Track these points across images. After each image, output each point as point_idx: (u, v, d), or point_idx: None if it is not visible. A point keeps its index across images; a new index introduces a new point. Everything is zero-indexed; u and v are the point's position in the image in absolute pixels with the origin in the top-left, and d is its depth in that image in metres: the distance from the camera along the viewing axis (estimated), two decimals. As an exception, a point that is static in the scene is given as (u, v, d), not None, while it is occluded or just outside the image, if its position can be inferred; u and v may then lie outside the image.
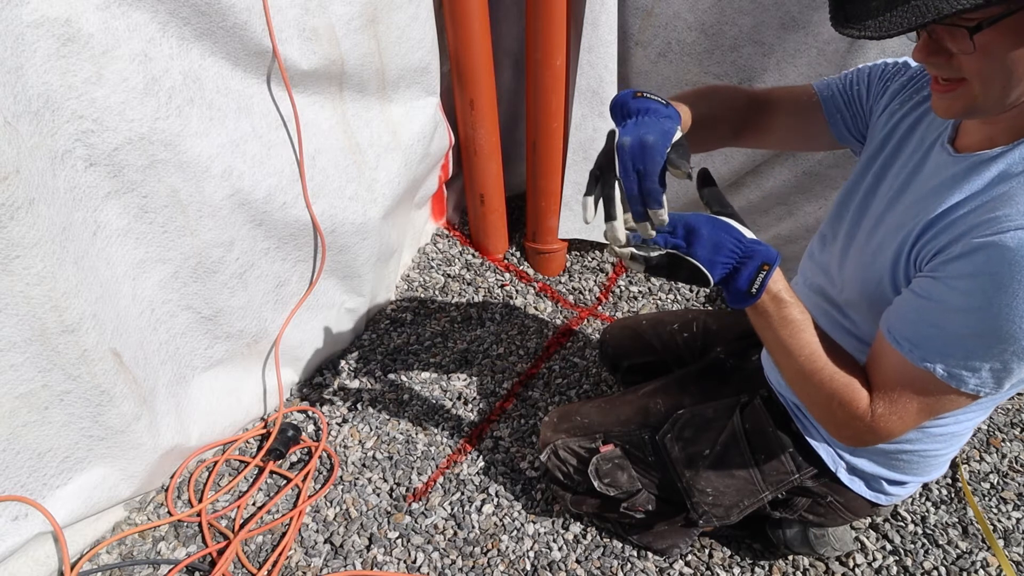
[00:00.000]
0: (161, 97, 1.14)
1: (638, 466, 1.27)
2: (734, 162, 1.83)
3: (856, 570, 1.39)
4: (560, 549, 1.43)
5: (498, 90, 1.87)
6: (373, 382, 1.81)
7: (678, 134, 0.80)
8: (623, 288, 2.12)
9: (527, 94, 1.83)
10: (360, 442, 1.65)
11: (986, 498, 1.54)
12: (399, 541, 1.45)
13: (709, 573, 1.39)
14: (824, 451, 1.11)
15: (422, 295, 2.08)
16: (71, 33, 0.99)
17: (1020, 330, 0.71)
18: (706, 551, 1.43)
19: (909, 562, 1.40)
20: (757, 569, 1.39)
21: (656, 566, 1.40)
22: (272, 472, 1.56)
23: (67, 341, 1.08)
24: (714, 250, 0.82)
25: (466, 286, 2.11)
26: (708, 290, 2.10)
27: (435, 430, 1.68)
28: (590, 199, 0.83)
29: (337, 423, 1.70)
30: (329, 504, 1.52)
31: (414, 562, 1.42)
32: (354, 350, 1.89)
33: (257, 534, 1.45)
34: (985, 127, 0.80)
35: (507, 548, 1.44)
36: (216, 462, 1.57)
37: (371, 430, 1.68)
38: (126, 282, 1.24)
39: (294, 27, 1.30)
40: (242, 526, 1.45)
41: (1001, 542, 1.45)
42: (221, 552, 1.40)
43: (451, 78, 1.83)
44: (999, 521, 1.49)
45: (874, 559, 1.41)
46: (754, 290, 0.83)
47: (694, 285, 0.86)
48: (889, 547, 1.43)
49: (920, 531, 1.46)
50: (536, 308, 2.05)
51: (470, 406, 1.75)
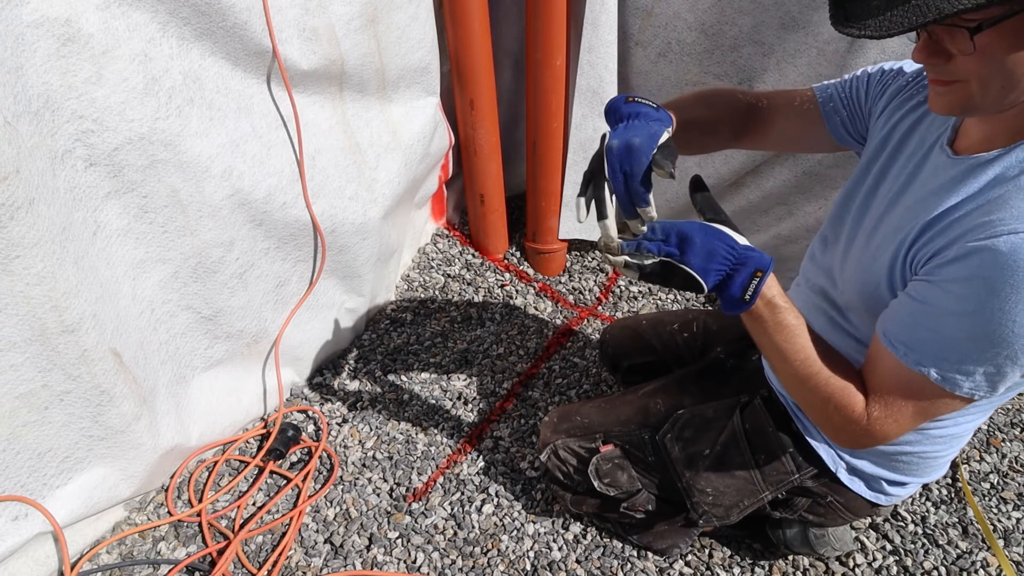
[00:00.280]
0: (161, 97, 1.14)
1: (638, 466, 1.27)
2: (734, 162, 1.82)
3: (856, 570, 1.39)
4: (560, 549, 1.43)
5: (498, 90, 1.87)
6: (373, 382, 1.81)
7: (665, 136, 0.83)
8: (623, 288, 2.12)
9: (527, 94, 1.83)
10: (360, 442, 1.65)
11: (986, 498, 1.54)
12: (399, 541, 1.45)
13: (709, 573, 1.39)
14: (824, 451, 1.11)
15: (422, 295, 2.08)
16: (71, 33, 0.99)
17: (1013, 334, 0.71)
18: (706, 551, 1.43)
19: (909, 562, 1.40)
20: (757, 569, 1.39)
21: (656, 566, 1.40)
22: (272, 472, 1.57)
23: (67, 341, 1.08)
24: (707, 258, 0.83)
25: (466, 286, 2.11)
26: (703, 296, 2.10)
27: (435, 430, 1.68)
28: (582, 200, 0.88)
29: (337, 423, 1.70)
30: (329, 504, 1.52)
31: (414, 562, 1.42)
32: (354, 350, 1.89)
33: (257, 534, 1.45)
34: (984, 128, 0.80)
35: (507, 548, 1.44)
36: (216, 462, 1.57)
37: (371, 430, 1.68)
38: (126, 282, 1.24)
39: (294, 27, 1.30)
40: (242, 526, 1.45)
41: (1001, 542, 1.45)
42: (221, 552, 1.41)
43: (451, 78, 1.83)
44: (999, 521, 1.49)
45: (874, 559, 1.41)
46: (747, 296, 0.84)
47: (689, 292, 0.87)
48: (889, 547, 1.43)
49: (920, 531, 1.46)
50: (536, 308, 2.05)
51: (470, 406, 1.75)
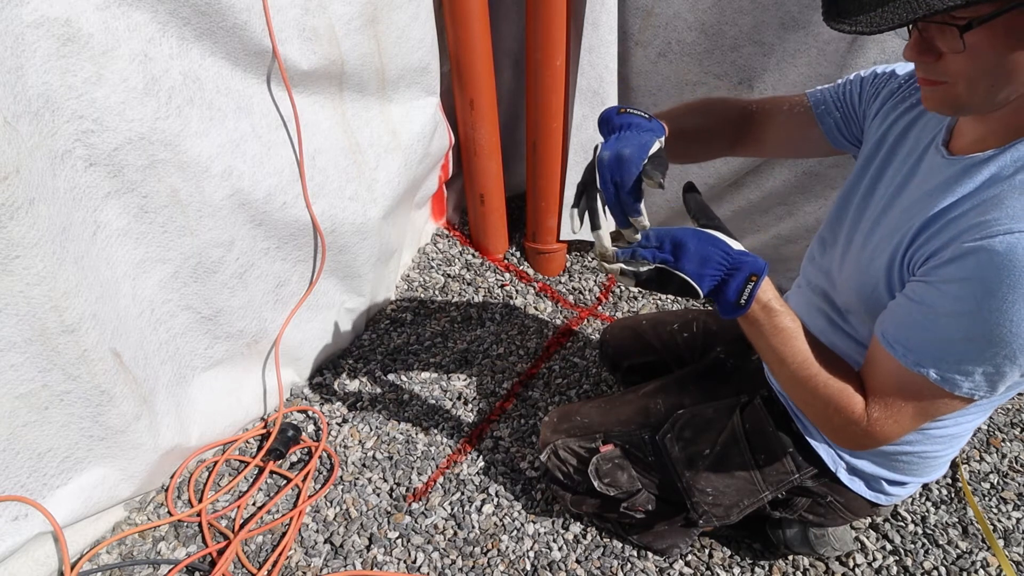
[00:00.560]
0: (161, 97, 1.14)
1: (638, 466, 1.27)
2: (734, 162, 1.82)
3: (856, 570, 1.39)
4: (560, 549, 1.43)
5: (498, 90, 1.87)
6: (373, 382, 1.81)
7: (656, 146, 0.84)
8: (623, 288, 2.12)
9: (527, 94, 1.82)
10: (360, 442, 1.65)
11: (986, 498, 1.54)
12: (399, 541, 1.45)
13: (709, 573, 1.39)
14: (824, 451, 1.11)
15: (422, 295, 2.08)
16: (71, 33, 0.99)
17: (1011, 334, 0.71)
18: (706, 551, 1.43)
19: (909, 562, 1.40)
20: (757, 569, 1.39)
21: (656, 566, 1.40)
22: (272, 472, 1.57)
23: (67, 341, 1.08)
24: (702, 263, 0.83)
25: (466, 286, 2.11)
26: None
27: (435, 430, 1.68)
28: (575, 211, 0.90)
29: (337, 423, 1.70)
30: (329, 504, 1.52)
31: (414, 562, 1.42)
32: (354, 350, 1.89)
33: (257, 534, 1.45)
34: (978, 128, 0.80)
35: (507, 548, 1.44)
36: (216, 462, 1.57)
37: (371, 430, 1.68)
38: (126, 282, 1.24)
39: (294, 27, 1.30)
40: (242, 526, 1.45)
41: (1001, 542, 1.45)
42: (221, 552, 1.40)
43: (451, 78, 1.83)
44: (999, 521, 1.49)
45: (874, 559, 1.41)
46: (743, 301, 0.84)
47: (684, 298, 0.87)
48: (889, 547, 1.43)
49: (920, 531, 1.46)
50: (536, 308, 2.05)
51: (470, 406, 1.75)
